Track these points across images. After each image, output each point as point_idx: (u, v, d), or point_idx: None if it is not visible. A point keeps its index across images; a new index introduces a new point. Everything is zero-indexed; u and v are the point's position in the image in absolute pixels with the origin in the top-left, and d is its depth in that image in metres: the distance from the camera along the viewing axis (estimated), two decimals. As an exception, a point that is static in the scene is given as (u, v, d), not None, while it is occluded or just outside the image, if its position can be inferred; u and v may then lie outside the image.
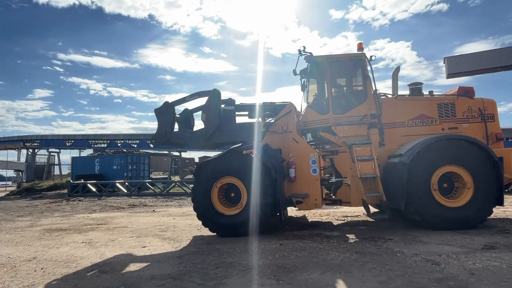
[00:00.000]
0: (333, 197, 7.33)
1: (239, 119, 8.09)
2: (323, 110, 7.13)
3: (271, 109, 7.55)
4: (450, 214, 6.03)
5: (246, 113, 7.93)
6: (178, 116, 7.90)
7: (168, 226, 8.28)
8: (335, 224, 7.64)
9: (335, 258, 4.68)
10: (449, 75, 22.38)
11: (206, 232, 7.13)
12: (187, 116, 7.98)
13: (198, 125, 8.08)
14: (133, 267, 4.75)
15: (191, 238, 6.64)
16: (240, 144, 7.11)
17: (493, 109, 7.20)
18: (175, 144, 8.33)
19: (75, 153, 42.90)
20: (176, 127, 7.92)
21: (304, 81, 7.96)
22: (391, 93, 7.71)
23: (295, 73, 7.53)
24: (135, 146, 41.49)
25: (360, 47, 7.17)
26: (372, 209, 6.95)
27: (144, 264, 4.85)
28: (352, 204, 6.84)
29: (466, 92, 7.24)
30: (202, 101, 7.84)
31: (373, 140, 6.82)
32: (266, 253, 5.13)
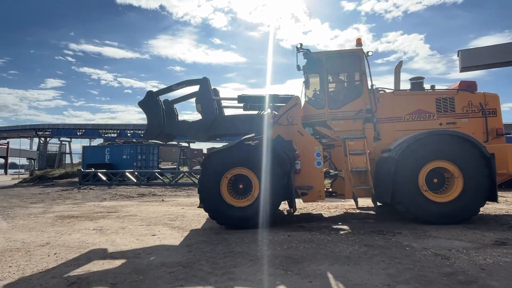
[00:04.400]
0: (330, 189, 7.50)
1: (232, 111, 8.07)
2: (319, 105, 7.34)
3: (276, 101, 7.50)
4: (437, 209, 6.09)
5: (241, 105, 7.67)
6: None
7: (177, 216, 8.39)
8: (343, 216, 7.63)
9: (343, 250, 4.69)
10: (463, 69, 21.84)
11: (214, 222, 7.21)
12: (169, 107, 7.73)
13: (180, 116, 7.99)
14: (143, 254, 4.83)
15: (200, 228, 6.71)
16: (252, 135, 6.97)
17: (495, 103, 7.15)
18: (168, 138, 8.02)
19: (85, 142, 43.52)
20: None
21: (306, 76, 8.01)
22: (393, 88, 7.69)
23: (298, 69, 7.60)
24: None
25: (359, 42, 7.24)
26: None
27: (154, 252, 4.94)
28: (346, 196, 7.04)
29: (468, 87, 7.20)
30: (184, 91, 7.61)
31: (368, 135, 6.99)
32: (274, 244, 5.16)
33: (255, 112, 7.66)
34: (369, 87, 7.12)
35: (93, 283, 3.72)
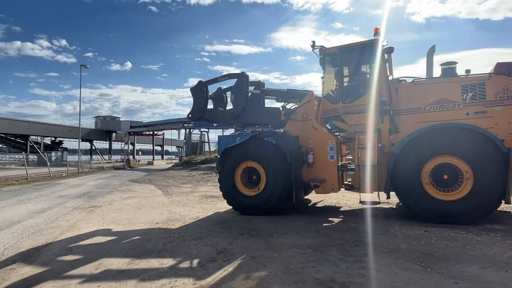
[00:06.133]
0: (350, 182, 7.35)
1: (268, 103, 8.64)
2: (334, 99, 7.24)
3: (295, 96, 8.01)
4: (440, 207, 5.65)
5: (274, 97, 8.36)
6: (213, 94, 8.56)
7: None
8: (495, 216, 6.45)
9: (499, 253, 4.01)
10: None
11: (339, 211, 7.16)
12: (220, 94, 8.63)
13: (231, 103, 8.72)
14: (275, 234, 5.24)
15: (325, 215, 6.81)
16: (260, 131, 7.55)
17: None
18: (208, 121, 9.05)
19: (220, 132, 48.93)
20: (211, 105, 8.62)
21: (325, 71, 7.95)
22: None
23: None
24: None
25: (377, 32, 6.83)
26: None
27: (285, 233, 5.29)
28: (361, 190, 6.77)
29: (506, 69, 6.08)
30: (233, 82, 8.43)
31: (383, 128, 6.63)
32: (409, 238, 4.81)
33: (280, 105, 8.21)
34: (386, 78, 6.64)
35: (236, 254, 4.28)
